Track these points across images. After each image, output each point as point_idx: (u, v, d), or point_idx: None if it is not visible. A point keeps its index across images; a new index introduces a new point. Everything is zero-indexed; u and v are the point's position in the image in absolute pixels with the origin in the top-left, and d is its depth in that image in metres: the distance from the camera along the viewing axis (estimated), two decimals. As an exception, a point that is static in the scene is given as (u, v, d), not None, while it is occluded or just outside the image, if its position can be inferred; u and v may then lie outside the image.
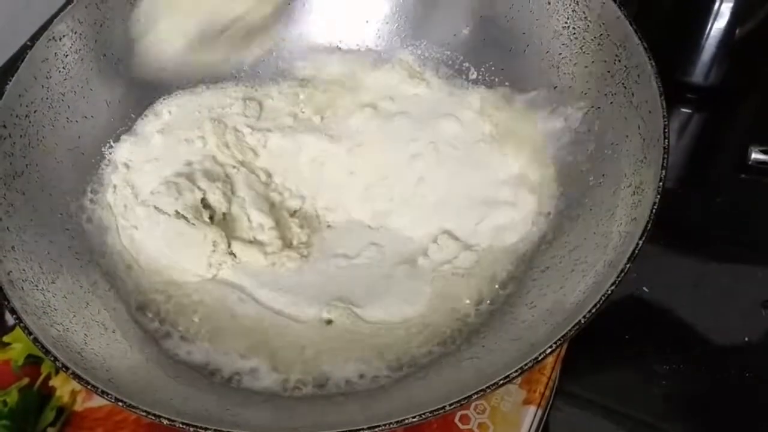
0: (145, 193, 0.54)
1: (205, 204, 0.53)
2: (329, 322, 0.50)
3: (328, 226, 0.56)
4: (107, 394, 0.38)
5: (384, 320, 0.50)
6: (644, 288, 0.58)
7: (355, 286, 0.52)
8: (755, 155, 0.64)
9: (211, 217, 0.53)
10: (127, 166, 0.56)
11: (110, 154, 0.56)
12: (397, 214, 0.56)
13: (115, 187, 0.54)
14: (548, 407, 0.51)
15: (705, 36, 0.64)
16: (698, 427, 0.52)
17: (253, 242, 0.53)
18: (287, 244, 0.54)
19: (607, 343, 0.56)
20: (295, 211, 0.56)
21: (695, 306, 0.58)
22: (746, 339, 0.55)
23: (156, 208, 0.51)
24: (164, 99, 0.59)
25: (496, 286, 0.50)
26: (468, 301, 0.50)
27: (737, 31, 0.63)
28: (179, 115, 0.59)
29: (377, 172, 0.58)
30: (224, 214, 0.54)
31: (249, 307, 0.51)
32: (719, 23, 0.63)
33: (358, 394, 0.46)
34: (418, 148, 0.58)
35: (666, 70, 0.48)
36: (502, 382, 0.38)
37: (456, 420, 0.48)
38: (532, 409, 0.49)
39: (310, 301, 0.51)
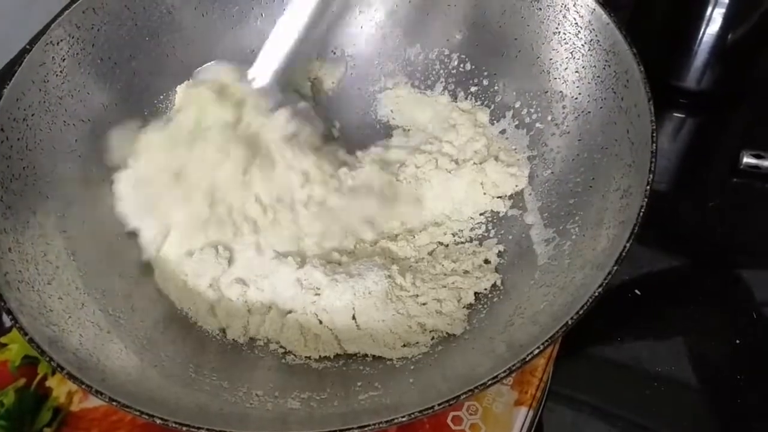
0: None
1: None
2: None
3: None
4: (101, 393, 0.39)
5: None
6: (636, 290, 0.58)
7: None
8: (747, 159, 0.64)
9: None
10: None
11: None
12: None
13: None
14: (540, 408, 0.51)
15: (698, 41, 0.65)
16: (690, 429, 0.53)
17: None
18: None
19: (599, 345, 0.56)
20: None
21: (687, 308, 0.58)
22: (737, 341, 0.56)
23: None
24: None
25: (485, 288, 0.51)
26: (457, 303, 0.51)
27: (729, 36, 0.64)
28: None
29: None
30: None
31: None
32: (711, 28, 0.63)
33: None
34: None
35: (659, 74, 0.49)
36: (490, 382, 0.38)
37: (448, 421, 0.49)
38: (523, 410, 0.49)
39: None
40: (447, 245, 0.55)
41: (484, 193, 0.56)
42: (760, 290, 0.58)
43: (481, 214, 0.56)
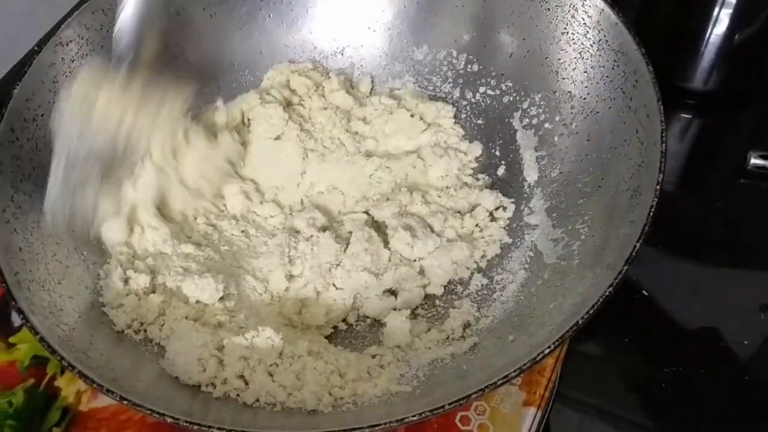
0: None
1: None
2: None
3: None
4: (112, 392, 0.39)
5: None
6: (644, 291, 0.58)
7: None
8: (754, 160, 0.64)
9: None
10: None
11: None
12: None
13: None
14: (548, 409, 0.51)
15: (704, 42, 0.64)
16: (697, 430, 0.53)
17: None
18: None
19: (606, 346, 0.56)
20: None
21: (694, 309, 0.58)
22: (745, 342, 0.56)
23: None
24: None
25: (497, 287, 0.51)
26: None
27: (736, 37, 0.64)
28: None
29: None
30: None
31: None
32: (718, 29, 0.63)
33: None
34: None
35: (666, 75, 0.48)
36: (500, 382, 0.38)
37: (456, 420, 0.48)
38: (531, 410, 0.49)
39: None
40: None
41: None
42: (767, 291, 0.58)
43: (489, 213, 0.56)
